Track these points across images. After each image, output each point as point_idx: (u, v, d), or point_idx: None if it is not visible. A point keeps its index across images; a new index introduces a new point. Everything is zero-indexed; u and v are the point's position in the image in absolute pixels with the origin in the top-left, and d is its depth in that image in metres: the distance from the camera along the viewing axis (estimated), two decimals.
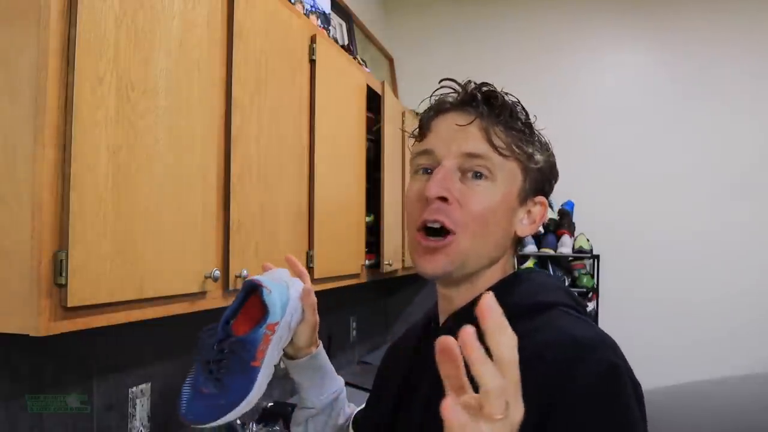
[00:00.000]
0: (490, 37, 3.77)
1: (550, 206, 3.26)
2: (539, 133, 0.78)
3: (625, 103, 3.62)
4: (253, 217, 1.41)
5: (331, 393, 0.91)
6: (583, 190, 3.57)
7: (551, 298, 0.74)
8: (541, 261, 3.40)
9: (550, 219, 3.46)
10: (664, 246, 3.53)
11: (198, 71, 1.20)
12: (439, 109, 0.77)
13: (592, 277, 3.36)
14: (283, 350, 0.86)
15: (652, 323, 3.52)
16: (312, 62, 1.77)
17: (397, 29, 3.85)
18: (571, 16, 3.69)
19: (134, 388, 1.43)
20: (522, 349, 0.65)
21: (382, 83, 2.39)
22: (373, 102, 2.34)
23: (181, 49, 1.14)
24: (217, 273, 1.22)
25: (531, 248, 3.38)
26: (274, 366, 0.82)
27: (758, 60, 3.47)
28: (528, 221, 0.78)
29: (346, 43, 2.69)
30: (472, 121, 0.73)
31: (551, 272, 3.36)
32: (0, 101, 0.88)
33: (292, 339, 0.87)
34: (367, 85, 2.28)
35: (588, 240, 3.35)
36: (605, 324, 3.41)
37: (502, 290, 0.73)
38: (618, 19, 3.65)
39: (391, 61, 3.77)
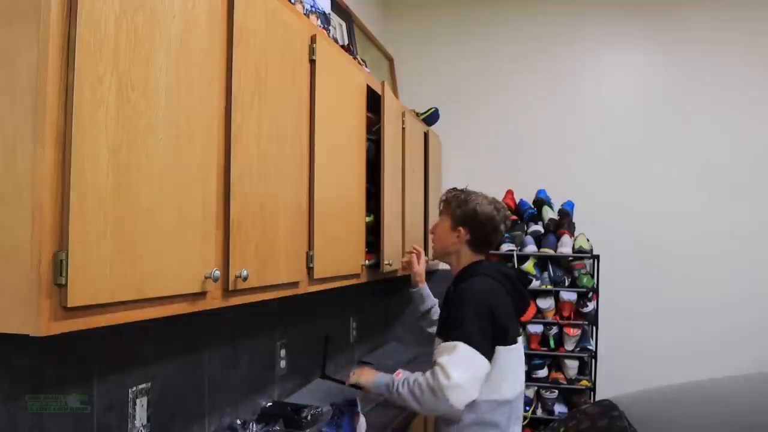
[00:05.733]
0: (490, 37, 3.77)
1: (550, 206, 3.40)
2: (462, 198, 1.90)
3: (625, 103, 3.62)
4: (253, 217, 1.41)
5: (432, 303, 2.20)
6: (583, 190, 3.58)
7: (480, 272, 1.80)
8: (541, 261, 3.39)
9: (550, 219, 3.46)
10: (664, 246, 3.53)
11: (198, 71, 1.20)
12: None
13: (592, 277, 3.36)
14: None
15: (652, 323, 3.53)
16: (312, 62, 1.77)
17: (397, 29, 3.85)
18: (570, 16, 3.69)
19: (134, 388, 1.43)
20: (459, 291, 1.77)
21: (382, 83, 2.39)
22: (373, 102, 2.34)
23: (181, 49, 1.14)
24: (217, 273, 1.22)
25: (531, 248, 3.37)
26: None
27: (758, 60, 3.47)
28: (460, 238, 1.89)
29: (346, 43, 2.69)
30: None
31: (551, 272, 3.36)
32: (0, 101, 0.88)
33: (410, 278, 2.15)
34: (367, 85, 2.28)
35: (588, 240, 3.35)
36: (605, 324, 3.42)
37: (465, 269, 1.85)
38: (618, 20, 3.65)
39: (391, 61, 3.77)
